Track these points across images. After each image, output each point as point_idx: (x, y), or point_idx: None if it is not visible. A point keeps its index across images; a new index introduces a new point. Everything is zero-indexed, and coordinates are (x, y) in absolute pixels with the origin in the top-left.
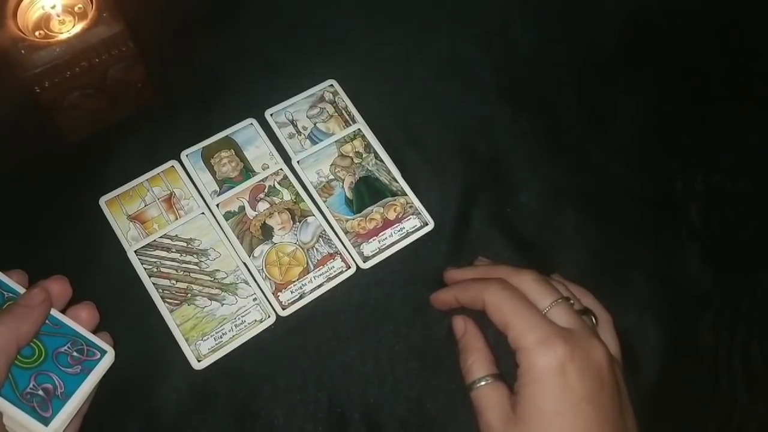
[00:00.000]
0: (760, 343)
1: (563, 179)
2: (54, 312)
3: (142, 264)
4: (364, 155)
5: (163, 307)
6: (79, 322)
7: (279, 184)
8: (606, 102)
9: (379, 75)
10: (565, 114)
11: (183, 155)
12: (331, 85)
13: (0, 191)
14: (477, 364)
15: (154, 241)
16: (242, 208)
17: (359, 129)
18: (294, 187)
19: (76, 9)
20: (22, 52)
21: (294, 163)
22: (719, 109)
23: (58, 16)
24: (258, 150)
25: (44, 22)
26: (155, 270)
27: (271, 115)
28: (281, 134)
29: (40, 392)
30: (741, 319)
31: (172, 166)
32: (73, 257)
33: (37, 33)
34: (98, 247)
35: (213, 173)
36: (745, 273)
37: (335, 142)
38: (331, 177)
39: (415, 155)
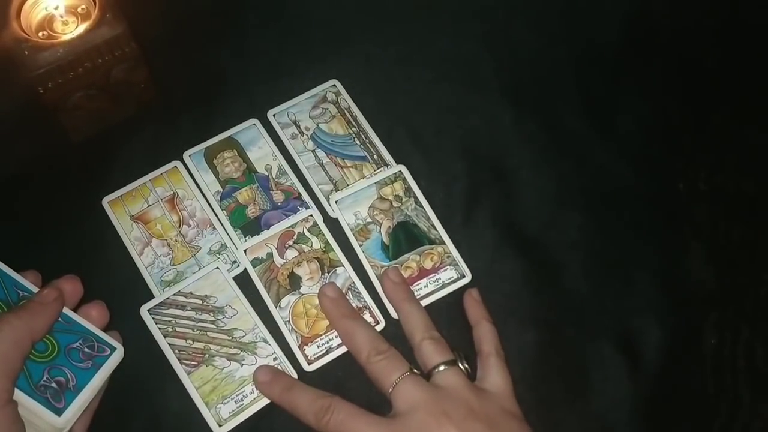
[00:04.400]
0: (763, 343)
1: (566, 179)
2: (66, 310)
3: (156, 324)
4: (403, 199)
5: (180, 369)
6: (89, 320)
7: (309, 231)
8: (609, 101)
9: (382, 75)
10: (568, 113)
11: (186, 155)
12: (334, 85)
13: (3, 191)
14: None
15: (168, 299)
16: (270, 255)
17: (400, 171)
18: (324, 235)
19: (79, 10)
20: (26, 52)
21: (332, 203)
22: (722, 109)
23: (62, 17)
24: (261, 151)
25: (47, 22)
26: (170, 330)
27: (274, 115)
28: (284, 135)
29: (54, 385)
30: (745, 318)
31: (175, 167)
32: (75, 257)
33: (40, 34)
34: (101, 247)
35: (216, 174)
36: (749, 273)
37: (375, 183)
38: (369, 220)
39: (417, 155)
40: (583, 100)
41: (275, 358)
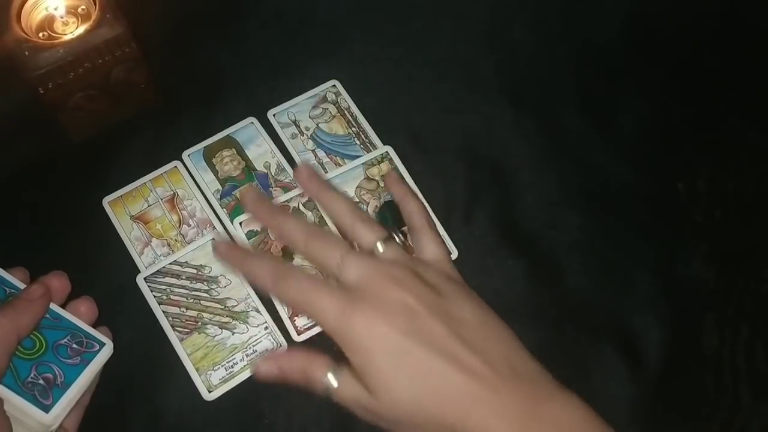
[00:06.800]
0: (764, 343)
1: (566, 179)
2: (54, 306)
3: (151, 291)
4: None
5: (173, 336)
6: (78, 316)
7: (304, 206)
8: (609, 101)
9: (382, 75)
10: (568, 113)
11: (184, 155)
12: (334, 85)
13: (4, 191)
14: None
15: (164, 267)
16: (265, 228)
17: (387, 152)
18: (318, 209)
19: (79, 10)
20: (26, 53)
21: None
22: (722, 108)
23: (62, 17)
24: (259, 149)
25: (48, 23)
26: (165, 298)
27: (274, 115)
28: (284, 135)
29: (41, 381)
30: (745, 318)
31: (175, 167)
32: (76, 257)
33: (40, 34)
34: (101, 247)
35: (215, 172)
36: (749, 272)
37: (362, 164)
38: (356, 200)
39: (417, 155)
40: (582, 100)
41: (266, 327)
